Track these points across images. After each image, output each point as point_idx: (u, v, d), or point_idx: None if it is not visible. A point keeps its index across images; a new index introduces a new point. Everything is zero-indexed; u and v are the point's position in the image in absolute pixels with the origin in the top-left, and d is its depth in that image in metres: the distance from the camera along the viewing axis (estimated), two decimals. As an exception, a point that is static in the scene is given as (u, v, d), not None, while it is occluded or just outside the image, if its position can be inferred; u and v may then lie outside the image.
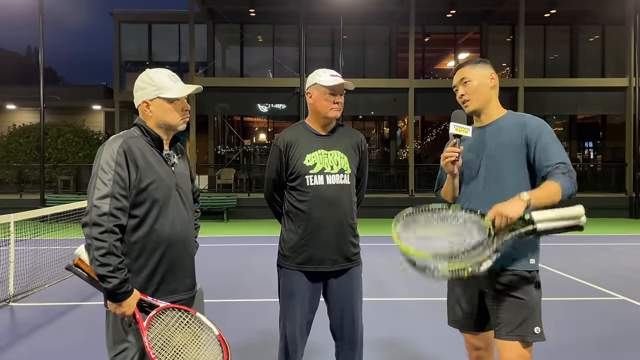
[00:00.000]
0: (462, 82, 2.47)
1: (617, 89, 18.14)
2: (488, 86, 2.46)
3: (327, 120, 2.82)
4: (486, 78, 2.46)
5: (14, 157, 18.81)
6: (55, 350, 4.36)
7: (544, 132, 2.33)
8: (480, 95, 2.44)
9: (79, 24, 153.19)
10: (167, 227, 2.17)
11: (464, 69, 2.48)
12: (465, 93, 2.46)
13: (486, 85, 2.45)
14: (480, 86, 2.44)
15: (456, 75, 2.51)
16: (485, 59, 2.58)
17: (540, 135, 2.31)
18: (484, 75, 2.46)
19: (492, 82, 2.46)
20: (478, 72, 2.46)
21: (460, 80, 2.48)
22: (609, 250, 9.60)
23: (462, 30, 21.53)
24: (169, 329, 2.09)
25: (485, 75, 2.46)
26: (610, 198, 16.37)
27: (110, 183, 2.04)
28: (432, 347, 4.29)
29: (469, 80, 2.45)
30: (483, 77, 2.45)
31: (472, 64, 2.49)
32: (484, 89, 2.45)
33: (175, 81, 2.24)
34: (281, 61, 20.39)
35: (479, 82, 2.44)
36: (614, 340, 4.54)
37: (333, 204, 2.74)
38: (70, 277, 6.76)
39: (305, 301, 2.79)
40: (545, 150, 2.28)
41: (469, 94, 2.45)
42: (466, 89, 2.46)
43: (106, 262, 1.99)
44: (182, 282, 2.26)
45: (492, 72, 2.48)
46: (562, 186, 2.17)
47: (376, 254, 8.39)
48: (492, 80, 2.46)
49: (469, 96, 2.45)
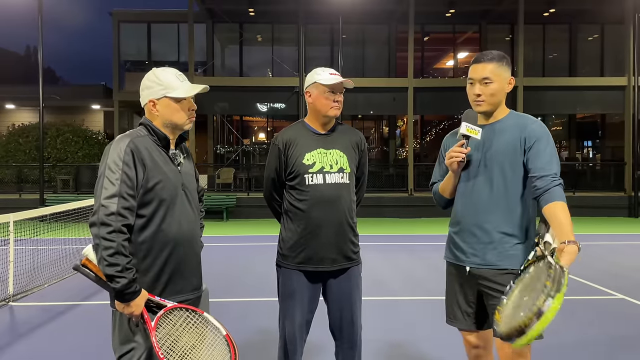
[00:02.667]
0: (483, 80, 2.36)
1: (616, 88, 18.14)
2: (504, 90, 2.40)
3: (327, 119, 2.81)
4: (506, 82, 2.39)
5: (13, 157, 18.80)
6: (54, 349, 4.36)
7: (544, 139, 2.30)
8: (496, 99, 2.38)
9: (78, 24, 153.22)
10: (174, 227, 2.17)
11: (489, 66, 2.35)
12: (483, 94, 2.36)
13: (503, 90, 2.39)
14: (499, 91, 2.37)
15: (478, 67, 2.38)
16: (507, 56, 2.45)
17: (537, 140, 2.29)
18: (505, 79, 2.38)
19: (508, 87, 2.40)
20: (501, 75, 2.36)
21: (481, 77, 2.36)
22: (608, 249, 9.60)
23: (461, 30, 21.54)
24: (176, 329, 2.09)
25: (506, 80, 2.38)
26: (609, 197, 16.37)
27: (117, 182, 2.04)
28: (431, 346, 4.30)
29: (491, 82, 2.35)
30: (504, 82, 2.38)
31: (500, 62, 2.36)
32: (501, 93, 2.39)
33: (182, 81, 2.24)
34: (280, 60, 20.38)
35: (499, 86, 2.36)
36: (614, 339, 4.55)
37: (332, 203, 2.73)
38: (69, 277, 6.77)
39: (305, 301, 2.79)
40: (543, 157, 2.26)
41: (487, 95, 2.36)
42: (485, 90, 2.36)
43: (114, 262, 1.98)
44: (189, 282, 2.26)
45: (512, 77, 2.41)
46: (564, 201, 2.19)
47: (376, 253, 8.40)
48: (509, 85, 2.40)
49: (485, 97, 2.37)
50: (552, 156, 2.28)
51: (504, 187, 2.33)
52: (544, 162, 2.25)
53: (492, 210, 2.34)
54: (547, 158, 2.26)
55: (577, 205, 14.93)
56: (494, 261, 2.33)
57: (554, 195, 2.18)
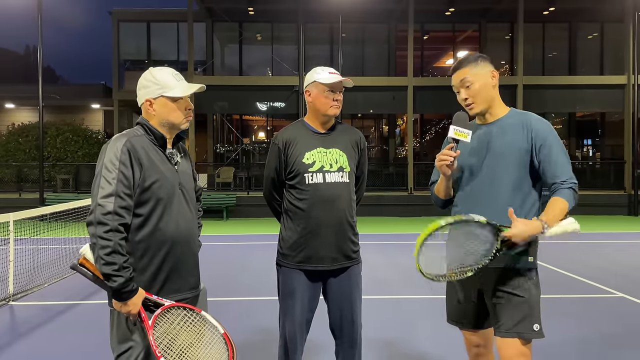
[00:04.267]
0: (463, 84, 2.38)
1: (616, 87, 18.15)
2: (490, 85, 2.38)
3: (326, 117, 2.81)
4: (488, 77, 2.38)
5: (13, 156, 18.80)
6: (54, 349, 4.36)
7: (552, 139, 2.31)
8: (484, 96, 2.37)
9: (77, 23, 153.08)
10: (171, 226, 2.17)
11: (464, 70, 2.38)
12: (469, 96, 2.37)
13: (488, 85, 2.38)
14: (483, 87, 2.36)
15: (456, 75, 2.41)
16: (483, 54, 2.48)
17: (547, 143, 2.29)
18: (486, 74, 2.38)
19: (493, 81, 2.39)
20: (479, 72, 2.37)
21: (460, 82, 2.38)
22: (608, 247, 9.60)
23: (461, 28, 21.52)
24: (174, 328, 2.09)
25: (487, 75, 2.38)
26: (609, 195, 16.37)
27: (114, 182, 2.04)
28: (432, 345, 4.30)
29: (471, 83, 2.36)
30: (485, 77, 2.37)
31: (472, 64, 2.38)
32: (487, 89, 2.38)
33: (179, 80, 2.24)
34: (280, 59, 20.38)
35: (481, 83, 2.36)
36: (613, 338, 4.55)
37: (332, 202, 2.73)
38: (69, 276, 6.77)
39: (305, 300, 2.78)
40: (555, 163, 2.28)
41: (473, 96, 2.37)
42: (469, 92, 2.37)
43: (111, 261, 1.98)
44: (186, 281, 2.26)
45: (492, 70, 2.40)
46: (569, 202, 2.25)
47: (376, 252, 8.40)
48: (493, 78, 2.39)
49: (473, 99, 2.37)
50: (563, 159, 2.30)
51: (506, 188, 2.32)
52: (556, 168, 2.28)
53: (494, 212, 2.33)
54: (560, 162, 2.29)
55: (576, 203, 14.94)
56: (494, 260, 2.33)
57: (559, 193, 2.25)
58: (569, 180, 2.27)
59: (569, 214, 2.26)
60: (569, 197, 2.24)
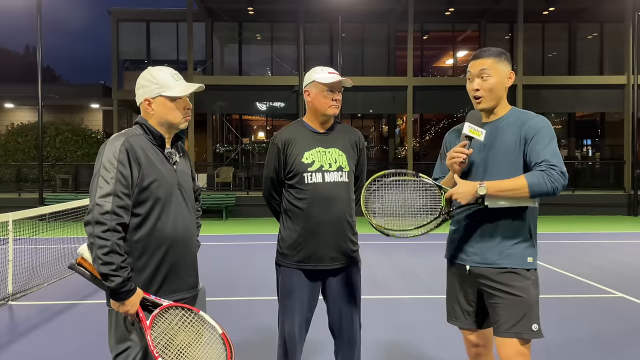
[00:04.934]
0: (480, 74, 2.35)
1: (616, 87, 18.16)
2: (504, 85, 2.37)
3: (326, 117, 2.81)
4: (505, 77, 2.36)
5: (12, 156, 18.80)
6: (54, 348, 4.36)
7: (541, 131, 2.27)
8: (495, 94, 2.35)
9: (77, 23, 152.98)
10: (169, 226, 2.17)
11: (485, 60, 2.34)
12: (482, 89, 2.34)
13: (503, 84, 2.36)
14: (498, 85, 2.34)
15: (475, 63, 2.37)
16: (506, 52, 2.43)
17: (538, 133, 2.27)
18: (505, 73, 2.35)
19: (508, 82, 2.37)
20: (499, 69, 2.34)
21: (479, 71, 2.35)
22: (608, 247, 9.61)
23: (461, 28, 21.54)
24: (172, 328, 2.08)
25: (506, 74, 2.35)
26: (609, 195, 16.38)
27: (112, 181, 2.04)
28: (431, 344, 4.30)
29: (489, 76, 2.33)
30: (503, 76, 2.35)
31: (495, 58, 2.34)
32: (500, 88, 2.36)
33: (178, 79, 2.23)
34: (280, 59, 20.38)
35: (497, 79, 2.34)
36: (613, 338, 4.55)
37: (331, 202, 2.73)
38: (69, 276, 6.76)
39: (304, 299, 2.78)
40: (536, 148, 2.24)
41: (485, 90, 2.34)
42: (483, 85, 2.34)
43: (109, 261, 1.98)
44: (184, 281, 2.25)
45: (511, 71, 2.38)
46: (530, 182, 2.16)
47: (375, 251, 8.39)
48: (509, 79, 2.37)
49: (484, 93, 2.35)
50: (548, 144, 2.24)
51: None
52: (539, 151, 2.23)
53: (492, 210, 2.33)
54: (543, 145, 2.24)
55: (576, 203, 14.96)
56: (494, 260, 2.33)
57: (527, 173, 2.20)
58: (545, 162, 2.19)
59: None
60: (534, 177, 2.17)
